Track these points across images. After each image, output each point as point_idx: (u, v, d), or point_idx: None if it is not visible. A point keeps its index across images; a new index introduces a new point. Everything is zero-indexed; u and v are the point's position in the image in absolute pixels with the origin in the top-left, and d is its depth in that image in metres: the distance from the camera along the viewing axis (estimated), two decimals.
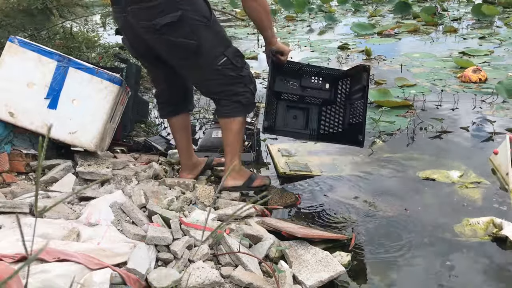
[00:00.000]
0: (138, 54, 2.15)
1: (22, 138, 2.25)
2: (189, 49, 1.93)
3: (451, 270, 1.78)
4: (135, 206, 1.85)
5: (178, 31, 1.89)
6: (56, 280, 1.29)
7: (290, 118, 2.53)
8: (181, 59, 2.00)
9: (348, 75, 2.45)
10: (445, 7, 8.21)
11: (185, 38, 1.90)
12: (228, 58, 2.01)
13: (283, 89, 2.50)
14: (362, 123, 2.26)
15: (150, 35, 1.93)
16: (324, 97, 2.52)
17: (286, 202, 2.30)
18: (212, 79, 2.05)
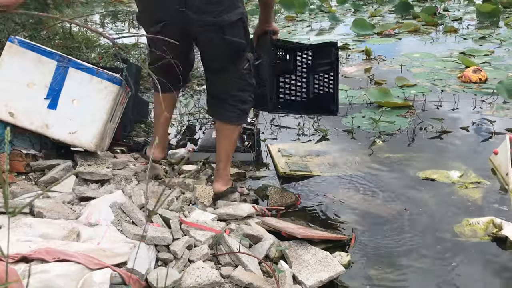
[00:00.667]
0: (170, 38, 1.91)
1: (22, 138, 2.25)
2: (239, 49, 1.93)
3: (451, 270, 1.78)
4: (135, 206, 1.85)
5: (236, 30, 1.87)
6: (56, 280, 1.29)
7: None
8: (224, 59, 1.96)
9: (310, 48, 2.58)
10: (446, 7, 8.21)
11: (240, 38, 1.89)
12: (250, 63, 2.02)
13: None
14: (333, 94, 2.47)
15: (207, 32, 1.86)
16: (283, 68, 2.60)
17: (286, 202, 2.29)
18: (234, 80, 2.01)
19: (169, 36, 1.89)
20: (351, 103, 3.68)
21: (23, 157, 2.19)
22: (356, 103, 3.71)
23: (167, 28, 1.90)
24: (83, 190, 1.98)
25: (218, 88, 2.09)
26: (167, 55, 2.03)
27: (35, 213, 1.71)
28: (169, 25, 1.89)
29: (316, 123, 3.32)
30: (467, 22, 6.95)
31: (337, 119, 3.39)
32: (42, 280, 1.27)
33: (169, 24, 1.89)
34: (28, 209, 1.74)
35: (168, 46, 2.03)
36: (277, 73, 2.58)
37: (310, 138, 3.11)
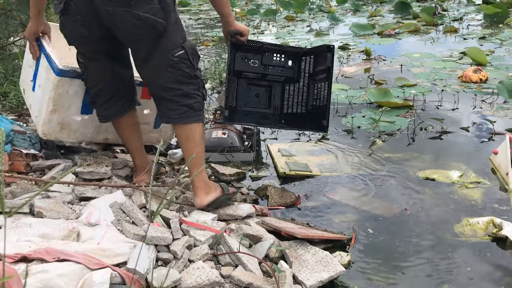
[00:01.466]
0: (91, 34, 1.80)
1: (22, 138, 2.25)
2: (155, 29, 1.72)
3: (451, 270, 1.78)
4: (135, 206, 1.85)
5: (147, 5, 1.68)
6: (56, 280, 1.29)
7: (252, 96, 2.43)
8: (141, 40, 1.77)
9: (311, 53, 2.38)
10: (445, 7, 8.21)
11: (154, 16, 1.70)
12: (186, 51, 1.81)
13: (243, 68, 2.39)
14: (326, 107, 2.22)
15: (113, 6, 1.68)
16: (287, 75, 2.43)
17: (286, 202, 2.30)
18: (164, 70, 1.80)
19: (88, 30, 1.77)
20: (351, 103, 3.68)
21: (23, 157, 2.19)
22: (356, 103, 3.71)
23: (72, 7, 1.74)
24: (83, 190, 1.98)
25: (153, 83, 1.88)
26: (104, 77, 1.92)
27: (35, 213, 1.71)
28: (73, 2, 1.73)
29: None
30: (467, 22, 6.95)
31: (337, 119, 3.39)
32: (42, 280, 1.27)
33: (78, 11, 1.74)
34: (28, 209, 1.74)
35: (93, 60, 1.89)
36: (283, 81, 2.45)
37: (310, 138, 3.11)
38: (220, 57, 5.36)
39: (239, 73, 2.39)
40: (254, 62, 2.40)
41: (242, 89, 2.42)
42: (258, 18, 8.97)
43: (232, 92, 2.36)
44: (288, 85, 2.45)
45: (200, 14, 10.40)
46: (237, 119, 2.43)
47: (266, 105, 2.45)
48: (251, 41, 2.30)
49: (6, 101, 3.30)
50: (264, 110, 2.44)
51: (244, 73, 2.40)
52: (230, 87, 2.31)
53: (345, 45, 5.80)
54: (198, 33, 7.44)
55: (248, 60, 2.39)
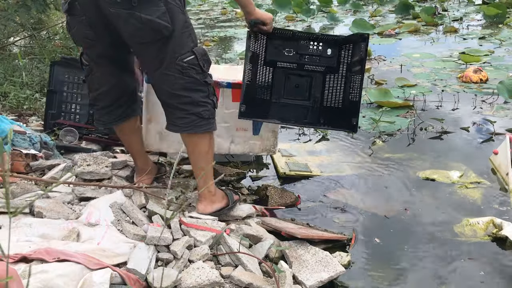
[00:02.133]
0: (97, 36, 1.75)
1: (22, 138, 2.25)
2: (159, 33, 1.64)
3: (451, 270, 1.78)
4: (135, 206, 1.85)
5: (152, 8, 1.60)
6: (56, 280, 1.29)
7: (292, 87, 2.25)
8: (146, 43, 1.69)
9: (349, 41, 2.18)
10: (445, 7, 8.21)
11: (159, 18, 1.61)
12: (196, 57, 1.71)
13: (277, 57, 2.22)
14: (358, 104, 2.05)
15: (115, 8, 1.61)
16: (327, 64, 2.23)
17: (286, 202, 2.29)
18: (172, 75, 1.71)
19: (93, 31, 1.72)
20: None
21: (23, 157, 2.19)
22: None
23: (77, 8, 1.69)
24: (83, 190, 1.98)
25: (160, 89, 1.80)
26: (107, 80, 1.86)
27: (35, 213, 1.71)
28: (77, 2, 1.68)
29: None
30: (467, 22, 6.95)
31: None
32: (42, 280, 1.27)
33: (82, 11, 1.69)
34: (28, 209, 1.74)
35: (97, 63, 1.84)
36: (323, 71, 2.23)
37: (310, 138, 3.11)
38: (220, 57, 5.36)
39: (273, 63, 2.22)
40: (288, 51, 2.22)
41: (279, 79, 2.24)
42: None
43: (250, 95, 2.12)
44: (329, 75, 2.24)
45: (200, 14, 10.40)
46: (272, 114, 2.22)
47: (306, 97, 2.25)
48: (280, 29, 2.18)
49: (6, 101, 3.30)
50: (303, 103, 2.25)
51: (279, 62, 2.23)
52: (247, 80, 2.08)
53: None
54: (198, 33, 7.44)
55: (282, 48, 2.22)
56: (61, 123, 2.75)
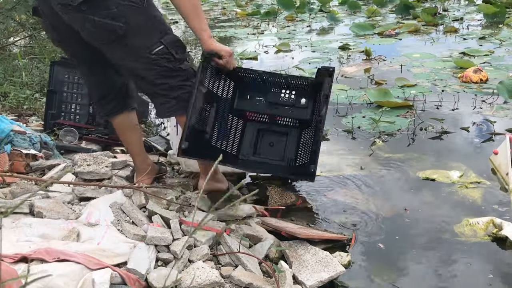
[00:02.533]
0: (62, 38, 1.79)
1: (22, 138, 2.26)
2: (114, 33, 1.64)
3: (451, 270, 1.78)
4: (135, 206, 1.85)
5: (102, 10, 1.61)
6: (56, 280, 1.29)
7: (265, 144, 1.98)
8: (105, 44, 1.71)
9: (319, 82, 1.90)
10: (446, 7, 8.21)
11: (112, 20, 1.62)
12: (165, 46, 1.72)
13: (246, 107, 1.98)
14: (317, 151, 1.78)
15: (68, 14, 1.64)
16: (301, 117, 1.95)
17: (286, 202, 2.29)
18: (144, 69, 1.75)
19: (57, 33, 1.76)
20: (351, 103, 3.68)
21: (23, 157, 2.19)
22: (356, 103, 3.71)
23: (50, 22, 1.74)
24: (83, 190, 1.98)
25: (138, 82, 1.85)
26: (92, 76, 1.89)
27: (35, 213, 1.71)
28: (40, 7, 1.73)
29: None
30: (467, 22, 6.95)
31: (337, 119, 3.39)
32: (42, 280, 1.27)
33: (40, 7, 1.72)
34: (28, 209, 1.74)
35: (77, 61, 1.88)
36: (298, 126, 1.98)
37: None
38: None
39: (240, 113, 1.99)
40: (258, 100, 1.98)
41: (251, 135, 2.00)
42: (258, 18, 8.97)
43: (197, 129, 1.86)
44: (304, 130, 1.96)
45: None
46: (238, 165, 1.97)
47: (281, 156, 1.98)
48: (246, 70, 1.92)
49: (6, 101, 3.30)
50: (276, 163, 1.99)
51: (248, 113, 1.99)
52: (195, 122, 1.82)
53: (345, 45, 5.80)
54: None
55: (251, 96, 1.98)
56: (61, 123, 2.75)
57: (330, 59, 5.23)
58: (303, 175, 1.76)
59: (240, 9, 10.39)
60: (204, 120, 1.82)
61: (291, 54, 5.63)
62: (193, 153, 1.75)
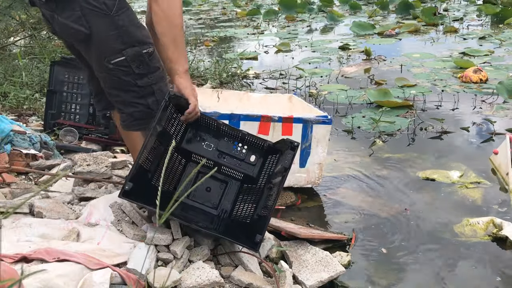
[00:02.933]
0: (54, 30, 1.77)
1: (22, 138, 2.26)
2: (76, 36, 1.62)
3: (451, 270, 1.78)
4: (135, 206, 1.84)
5: (67, 12, 1.58)
6: (56, 280, 1.29)
7: (202, 188, 1.88)
8: (75, 43, 1.70)
9: (276, 150, 1.85)
10: (446, 7, 8.21)
11: (75, 23, 1.58)
12: (126, 59, 1.63)
13: (194, 149, 1.89)
14: (267, 220, 1.67)
15: (45, 11, 1.66)
16: (246, 172, 1.88)
17: (286, 202, 2.30)
18: (103, 74, 1.69)
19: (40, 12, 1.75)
20: (351, 103, 3.68)
21: (23, 157, 2.19)
22: (356, 103, 3.71)
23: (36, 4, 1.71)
24: (82, 190, 1.98)
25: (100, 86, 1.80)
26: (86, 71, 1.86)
27: (35, 213, 1.71)
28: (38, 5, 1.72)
29: None
30: (467, 22, 6.95)
31: (337, 119, 3.39)
32: (42, 280, 1.27)
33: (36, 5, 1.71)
34: (28, 209, 1.74)
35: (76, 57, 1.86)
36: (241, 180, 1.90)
37: None
38: (220, 57, 5.36)
39: (187, 154, 1.89)
40: (208, 145, 1.90)
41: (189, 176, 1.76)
42: (258, 18, 8.97)
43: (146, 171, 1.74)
44: (246, 185, 1.88)
45: (200, 14, 10.40)
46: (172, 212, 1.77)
47: (214, 204, 1.87)
48: (206, 116, 1.87)
49: (6, 101, 3.30)
50: (210, 210, 1.86)
51: (194, 155, 1.90)
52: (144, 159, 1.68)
53: (345, 45, 5.80)
54: (199, 33, 7.44)
55: (202, 140, 1.91)
56: (61, 123, 2.75)
57: (330, 59, 5.23)
58: (246, 243, 1.63)
59: (240, 9, 10.39)
60: (151, 159, 1.72)
61: (291, 54, 5.64)
62: (135, 196, 1.60)
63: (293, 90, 4.11)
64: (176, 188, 1.86)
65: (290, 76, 4.50)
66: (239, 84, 4.39)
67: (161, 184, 1.14)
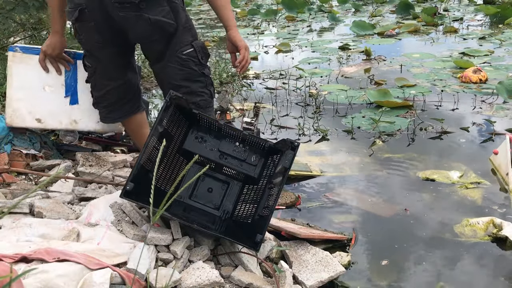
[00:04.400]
0: (104, 41, 1.86)
1: (22, 138, 2.26)
2: (165, 30, 1.78)
3: (451, 270, 1.78)
4: (135, 206, 1.84)
5: (157, 8, 1.74)
6: (56, 280, 1.29)
7: (204, 189, 1.89)
8: (153, 41, 1.82)
9: (277, 150, 1.86)
10: (446, 7, 8.21)
11: (164, 17, 1.75)
12: (195, 49, 1.85)
13: (196, 150, 1.89)
14: (267, 220, 1.67)
15: (125, 12, 1.73)
16: (247, 172, 1.90)
17: (286, 202, 2.30)
18: (173, 67, 1.85)
19: (100, 35, 1.82)
20: (351, 103, 3.68)
21: (23, 157, 2.19)
22: (356, 103, 3.71)
23: (86, 14, 1.78)
24: (83, 191, 1.98)
25: (163, 81, 1.93)
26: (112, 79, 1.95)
27: (35, 213, 1.71)
28: (87, 9, 1.78)
29: (316, 123, 3.32)
30: (467, 22, 6.95)
31: (337, 119, 3.40)
32: (42, 280, 1.27)
33: (86, 8, 1.78)
34: (28, 209, 1.74)
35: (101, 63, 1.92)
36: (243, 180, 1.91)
37: (310, 138, 3.11)
38: (220, 57, 5.36)
39: (188, 155, 1.90)
40: (210, 146, 1.92)
41: (192, 177, 1.87)
42: (258, 18, 8.97)
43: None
44: (247, 186, 1.90)
45: (200, 14, 10.40)
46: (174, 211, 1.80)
47: (216, 206, 1.88)
48: (208, 118, 1.88)
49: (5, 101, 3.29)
50: (212, 211, 1.87)
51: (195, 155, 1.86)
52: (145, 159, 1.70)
53: (345, 45, 5.80)
54: (199, 33, 7.43)
55: (203, 141, 1.92)
56: None
57: (329, 59, 5.23)
58: (247, 243, 1.63)
59: (240, 9, 10.39)
60: (152, 160, 1.74)
61: (291, 54, 5.64)
62: (136, 196, 1.61)
63: (293, 90, 4.12)
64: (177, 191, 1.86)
65: (290, 76, 4.51)
66: (239, 84, 4.39)
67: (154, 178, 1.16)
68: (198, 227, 1.63)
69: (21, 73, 2.15)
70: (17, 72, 2.15)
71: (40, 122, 2.16)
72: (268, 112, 3.64)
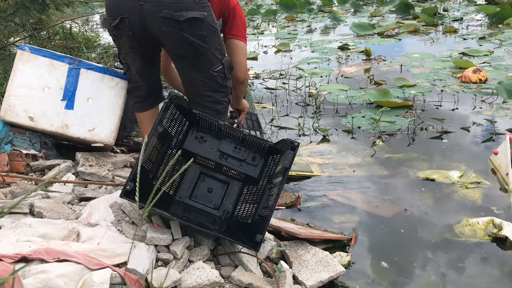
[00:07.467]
0: (141, 47, 1.99)
1: (22, 138, 2.25)
2: (198, 51, 1.94)
3: (451, 270, 1.78)
4: (135, 206, 1.84)
5: (196, 31, 1.89)
6: (56, 280, 1.29)
7: (204, 189, 1.90)
8: (185, 57, 1.99)
9: (277, 150, 1.88)
10: (446, 7, 8.21)
11: (200, 40, 1.91)
12: (223, 66, 2.04)
13: (196, 151, 1.91)
14: (267, 219, 1.67)
15: (166, 27, 1.86)
16: (247, 173, 1.91)
17: (286, 202, 2.30)
18: (203, 81, 2.03)
19: (134, 36, 1.93)
20: (351, 103, 3.68)
21: (23, 157, 2.19)
22: (356, 103, 3.72)
23: (126, 24, 1.90)
24: (83, 191, 1.98)
25: (190, 90, 2.11)
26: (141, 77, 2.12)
27: (35, 213, 1.71)
28: (127, 19, 1.89)
29: (316, 123, 3.32)
30: (467, 22, 6.95)
31: (337, 119, 3.40)
32: (42, 280, 1.27)
33: (127, 18, 1.89)
34: (28, 209, 1.74)
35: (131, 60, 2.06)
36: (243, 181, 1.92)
37: (310, 138, 3.11)
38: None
39: (188, 156, 1.88)
40: (210, 146, 1.94)
41: (192, 177, 1.91)
42: (258, 18, 8.97)
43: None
44: (247, 187, 1.91)
45: None
46: (174, 211, 1.81)
47: (217, 206, 1.88)
48: (207, 118, 1.91)
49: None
50: (212, 211, 1.87)
51: (197, 156, 1.92)
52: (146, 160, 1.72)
53: (345, 45, 5.80)
54: None
55: (203, 141, 1.94)
56: None
57: (329, 59, 5.23)
58: (247, 243, 1.63)
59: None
60: (152, 159, 1.76)
61: (291, 54, 5.64)
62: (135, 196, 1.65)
63: (293, 90, 4.11)
64: (177, 190, 1.90)
65: (290, 76, 4.50)
66: None
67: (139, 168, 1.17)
68: (198, 227, 1.63)
69: (24, 72, 2.20)
70: (21, 70, 2.21)
71: (32, 120, 2.19)
72: (268, 112, 3.65)
